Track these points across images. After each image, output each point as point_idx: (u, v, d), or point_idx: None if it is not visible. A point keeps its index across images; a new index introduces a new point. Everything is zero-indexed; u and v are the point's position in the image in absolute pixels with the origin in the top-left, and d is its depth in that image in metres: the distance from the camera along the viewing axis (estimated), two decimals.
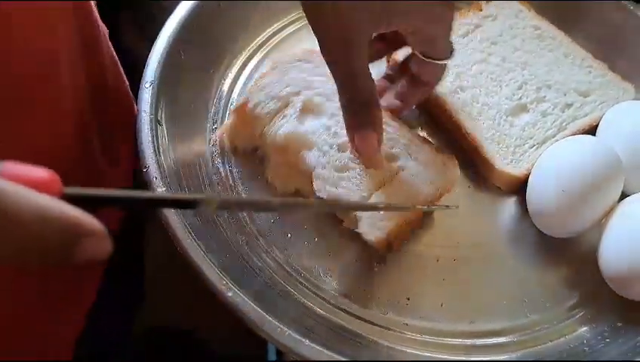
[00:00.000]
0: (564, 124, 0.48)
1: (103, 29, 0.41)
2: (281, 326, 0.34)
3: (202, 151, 0.45)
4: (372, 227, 0.39)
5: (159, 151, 0.40)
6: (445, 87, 0.50)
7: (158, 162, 0.39)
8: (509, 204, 0.46)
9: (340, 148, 0.42)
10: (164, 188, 0.38)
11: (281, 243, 0.42)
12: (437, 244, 0.43)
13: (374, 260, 0.42)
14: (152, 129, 0.41)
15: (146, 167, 0.39)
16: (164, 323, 0.84)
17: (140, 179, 0.39)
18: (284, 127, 0.42)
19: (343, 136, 0.41)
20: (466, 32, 0.53)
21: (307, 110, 0.43)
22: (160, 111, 0.42)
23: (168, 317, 0.83)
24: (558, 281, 0.42)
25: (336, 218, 0.42)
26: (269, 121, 0.42)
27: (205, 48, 0.48)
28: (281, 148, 0.42)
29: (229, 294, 0.34)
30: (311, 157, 0.41)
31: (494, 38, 0.53)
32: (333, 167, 0.41)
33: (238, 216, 0.42)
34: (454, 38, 0.52)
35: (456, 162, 0.43)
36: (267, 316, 0.34)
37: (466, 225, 0.44)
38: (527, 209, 0.44)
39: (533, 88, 0.49)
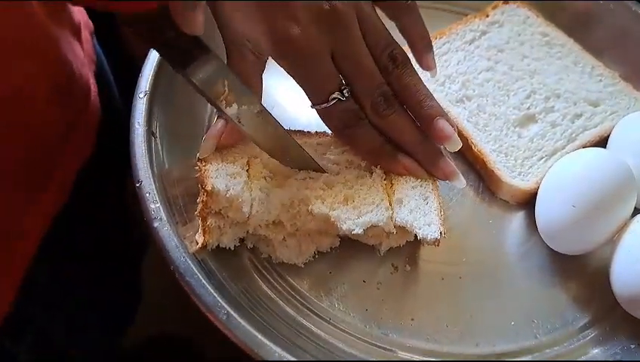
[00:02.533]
0: (573, 135, 0.47)
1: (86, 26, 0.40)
2: (278, 349, 0.32)
3: None
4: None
5: (153, 165, 0.39)
6: (450, 97, 0.48)
7: (152, 176, 0.38)
8: (517, 219, 0.45)
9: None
10: (158, 204, 0.37)
11: (281, 264, 0.40)
12: (442, 261, 0.41)
13: (377, 280, 0.40)
14: (146, 141, 0.40)
15: (139, 181, 0.38)
16: (161, 330, 0.83)
17: (133, 193, 0.37)
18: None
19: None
20: (472, 39, 0.52)
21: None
22: (154, 123, 0.41)
23: (166, 324, 0.82)
24: (569, 301, 0.41)
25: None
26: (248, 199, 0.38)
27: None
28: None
29: (224, 318, 0.33)
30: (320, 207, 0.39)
31: (501, 45, 0.51)
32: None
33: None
34: (460, 44, 0.51)
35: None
36: (263, 339, 0.32)
37: (472, 241, 0.43)
38: (536, 224, 0.43)
39: (541, 98, 0.48)
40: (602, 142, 0.46)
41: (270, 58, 0.38)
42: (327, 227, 0.39)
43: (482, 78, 0.49)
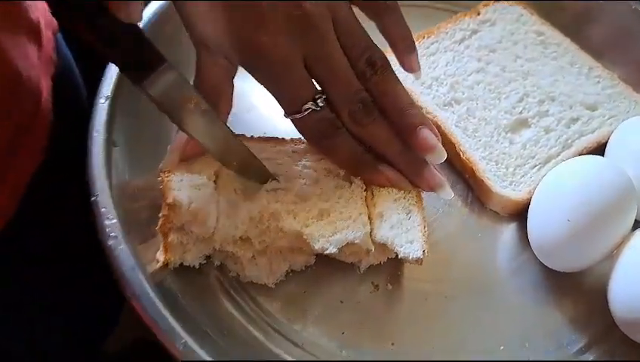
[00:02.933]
0: (569, 141, 0.45)
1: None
2: None
3: None
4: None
5: (112, 177, 0.36)
6: (438, 100, 0.46)
7: (109, 189, 0.36)
8: (508, 233, 0.42)
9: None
10: (114, 221, 0.34)
11: (251, 284, 0.37)
12: (426, 279, 0.39)
13: (356, 300, 0.38)
14: (105, 151, 0.37)
15: (94, 195, 0.35)
16: (141, 335, 0.80)
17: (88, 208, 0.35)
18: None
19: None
20: (462, 38, 0.50)
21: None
22: (116, 131, 0.38)
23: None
24: (564, 322, 0.39)
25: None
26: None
27: (170, 59, 0.43)
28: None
29: (180, 347, 0.30)
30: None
31: (493, 45, 0.49)
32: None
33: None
34: (449, 44, 0.49)
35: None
36: None
37: (458, 257, 0.40)
38: (528, 238, 0.41)
39: (535, 101, 0.46)
40: (600, 149, 0.44)
41: None
42: (300, 244, 0.36)
43: (472, 80, 0.47)
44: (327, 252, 0.35)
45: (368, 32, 0.37)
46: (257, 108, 0.45)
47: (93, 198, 0.35)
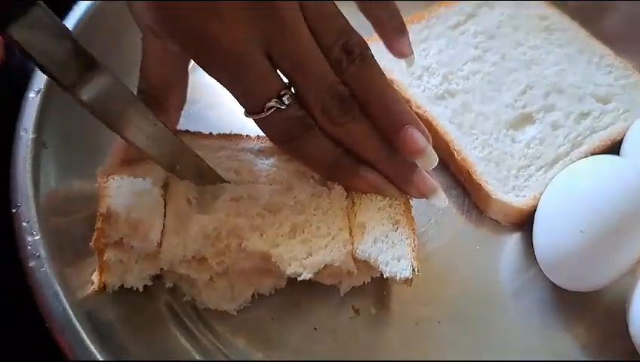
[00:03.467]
0: (579, 138, 0.42)
1: None
2: None
3: None
4: None
5: (39, 185, 0.31)
6: (429, 92, 0.43)
7: (34, 199, 0.31)
8: (511, 245, 0.39)
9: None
10: (37, 237, 0.29)
11: (209, 311, 0.33)
12: (416, 301, 0.35)
13: (333, 328, 0.34)
14: (32, 153, 0.32)
15: (17, 205, 0.30)
16: None
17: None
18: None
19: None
20: (457, 24, 0.47)
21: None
22: (47, 130, 0.34)
23: None
24: (575, 349, 0.35)
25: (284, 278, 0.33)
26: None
27: (111, 50, 0.38)
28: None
29: None
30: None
31: (491, 30, 0.46)
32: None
33: None
34: (442, 30, 0.46)
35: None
36: None
37: (453, 274, 0.37)
38: (533, 252, 0.37)
39: (540, 93, 0.43)
40: (614, 148, 0.41)
41: None
42: (267, 266, 0.31)
43: (468, 69, 0.44)
44: (301, 278, 0.30)
45: (347, 17, 0.32)
46: (223, 104, 0.41)
47: (14, 209, 0.30)
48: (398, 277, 0.31)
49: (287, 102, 0.30)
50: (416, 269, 0.31)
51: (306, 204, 0.33)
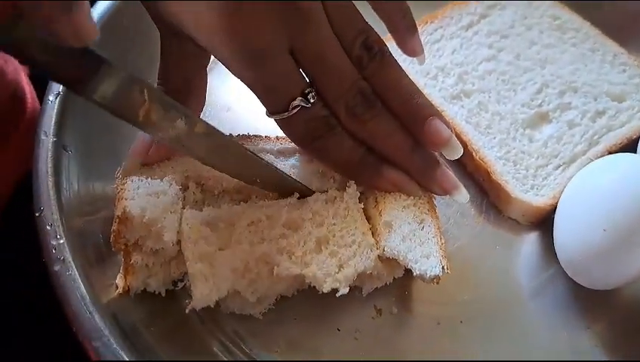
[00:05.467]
0: (596, 137, 0.41)
1: None
2: None
3: None
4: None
5: (61, 188, 0.31)
6: (445, 92, 0.42)
7: (57, 202, 0.30)
8: (530, 244, 0.38)
9: None
10: (62, 241, 0.29)
11: (234, 315, 0.32)
12: (437, 301, 0.35)
13: (356, 327, 0.33)
14: (53, 157, 0.32)
15: (39, 209, 0.30)
16: None
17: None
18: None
19: None
20: (470, 24, 0.47)
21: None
22: (67, 133, 0.33)
23: None
24: (597, 348, 0.34)
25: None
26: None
27: (131, 52, 0.39)
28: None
29: None
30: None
31: (505, 30, 0.46)
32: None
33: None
34: (455, 30, 0.45)
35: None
36: None
37: (474, 275, 0.36)
38: (554, 250, 0.37)
39: (555, 92, 0.43)
40: (631, 146, 0.40)
41: None
42: (302, 286, 0.31)
43: (483, 69, 0.44)
44: (339, 294, 0.30)
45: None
46: (237, 106, 0.41)
47: (37, 213, 0.30)
48: (427, 275, 0.30)
49: (312, 101, 0.30)
50: (445, 267, 0.30)
51: (324, 214, 0.33)
